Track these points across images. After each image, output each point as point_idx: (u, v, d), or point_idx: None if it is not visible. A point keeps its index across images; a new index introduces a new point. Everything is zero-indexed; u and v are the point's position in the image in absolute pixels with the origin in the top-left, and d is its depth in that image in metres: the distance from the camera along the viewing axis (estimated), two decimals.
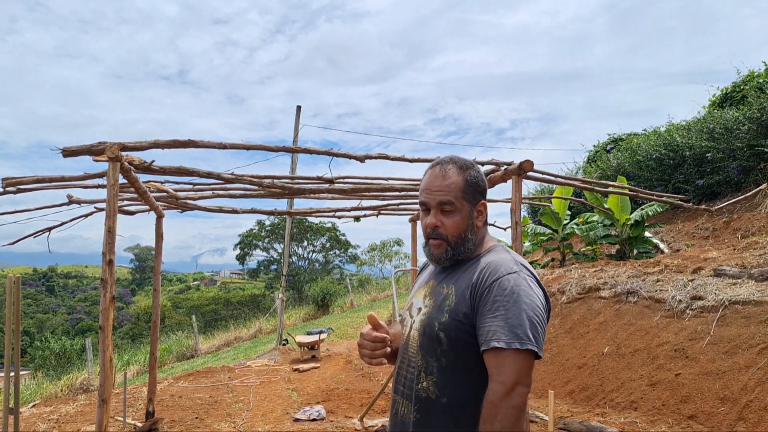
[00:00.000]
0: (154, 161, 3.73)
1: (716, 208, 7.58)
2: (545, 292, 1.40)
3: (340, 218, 6.81)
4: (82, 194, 4.84)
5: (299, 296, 29.38)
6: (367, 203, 6.25)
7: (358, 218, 6.81)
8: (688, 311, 5.04)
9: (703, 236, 8.41)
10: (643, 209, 8.36)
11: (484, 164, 4.73)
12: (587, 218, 9.24)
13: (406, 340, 1.52)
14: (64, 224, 5.33)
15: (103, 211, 4.28)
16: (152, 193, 4.73)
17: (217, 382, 7.67)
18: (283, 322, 11.77)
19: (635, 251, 8.43)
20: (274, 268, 36.07)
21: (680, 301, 5.21)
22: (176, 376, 8.58)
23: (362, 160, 4.38)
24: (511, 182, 4.20)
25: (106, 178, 3.35)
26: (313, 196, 5.52)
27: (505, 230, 7.87)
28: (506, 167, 4.26)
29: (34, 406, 6.79)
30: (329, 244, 36.91)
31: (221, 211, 5.97)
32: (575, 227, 9.08)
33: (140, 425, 5.27)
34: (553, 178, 5.08)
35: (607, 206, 8.39)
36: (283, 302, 11.88)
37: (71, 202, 4.79)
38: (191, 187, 5.06)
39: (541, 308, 1.33)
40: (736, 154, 8.56)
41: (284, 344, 10.90)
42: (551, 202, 9.36)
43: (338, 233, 36.15)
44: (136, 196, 4.77)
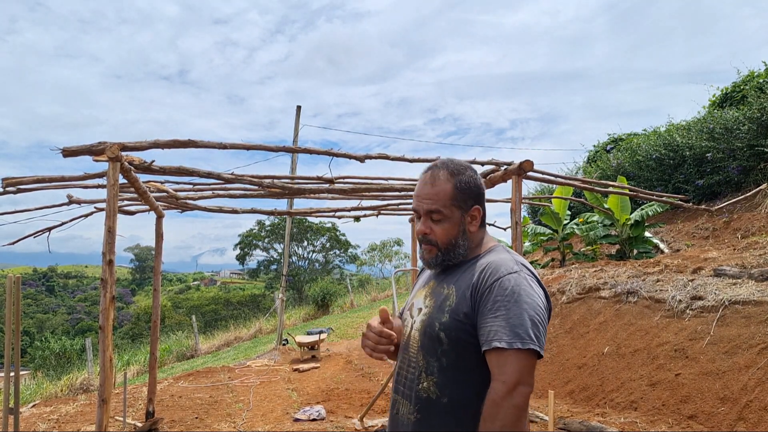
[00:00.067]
0: (154, 161, 3.73)
1: (716, 208, 7.58)
2: (546, 291, 1.40)
3: (340, 218, 6.81)
4: (82, 194, 4.84)
5: (299, 296, 29.38)
6: (367, 203, 6.25)
7: (358, 218, 6.81)
8: (688, 311, 5.04)
9: (703, 236, 8.41)
10: (643, 209, 8.36)
11: (484, 164, 4.73)
12: (587, 218, 9.24)
13: (406, 340, 1.52)
14: (64, 224, 5.33)
15: (103, 211, 4.28)
16: (152, 193, 4.73)
17: (217, 382, 7.67)
18: (283, 322, 11.77)
19: (635, 251, 8.43)
20: (274, 268, 36.08)
21: (680, 301, 5.21)
22: (176, 376, 8.58)
23: (362, 160, 4.38)
24: (511, 182, 4.21)
25: (106, 178, 3.35)
26: (313, 196, 5.53)
27: (505, 230, 7.87)
28: (506, 167, 4.26)
29: (34, 406, 6.79)
30: (329, 244, 36.92)
31: (221, 211, 5.97)
32: (575, 227, 9.08)
33: (140, 425, 5.27)
34: (553, 178, 5.08)
35: (607, 206, 8.39)
36: (283, 302, 11.89)
37: (71, 202, 4.79)
38: (191, 187, 5.06)
39: (542, 308, 1.33)
40: (736, 154, 8.56)
41: (284, 344, 10.90)
42: (551, 202, 9.36)
43: (338, 233, 36.17)
44: (136, 196, 4.77)
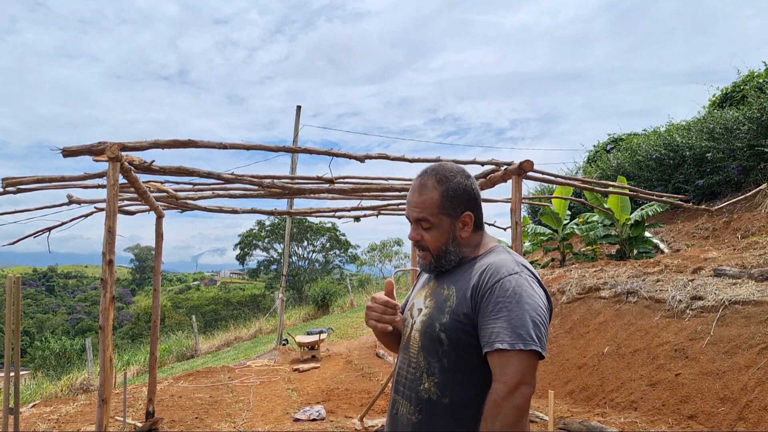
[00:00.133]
0: (154, 161, 3.73)
1: (716, 208, 7.57)
2: (547, 292, 1.40)
3: (340, 218, 6.81)
4: (82, 194, 4.84)
5: (299, 296, 29.39)
6: (367, 203, 6.25)
7: (358, 218, 6.81)
8: (688, 311, 5.04)
9: (703, 236, 8.41)
10: (643, 209, 8.35)
11: (484, 164, 4.72)
12: (587, 218, 9.24)
13: (407, 340, 1.52)
14: (64, 224, 5.33)
15: (103, 211, 4.28)
16: (152, 193, 4.72)
17: (217, 382, 7.67)
18: (283, 322, 11.77)
19: (635, 251, 8.43)
20: (274, 268, 36.08)
21: (680, 301, 5.21)
22: (176, 376, 8.58)
23: (362, 160, 4.38)
24: (511, 182, 4.20)
25: (106, 178, 3.35)
26: (313, 196, 5.52)
27: (505, 230, 7.87)
28: (506, 167, 4.26)
29: (34, 406, 6.79)
30: (329, 244, 36.92)
31: (221, 211, 5.97)
32: (575, 227, 9.08)
33: (140, 425, 5.27)
34: (553, 178, 5.08)
35: (607, 206, 8.39)
36: (283, 302, 11.89)
37: (71, 202, 4.79)
38: (191, 187, 5.06)
39: (543, 308, 1.33)
40: (736, 154, 8.56)
41: (284, 344, 10.90)
42: (551, 202, 9.36)
43: (338, 233, 36.17)
44: (136, 196, 4.77)
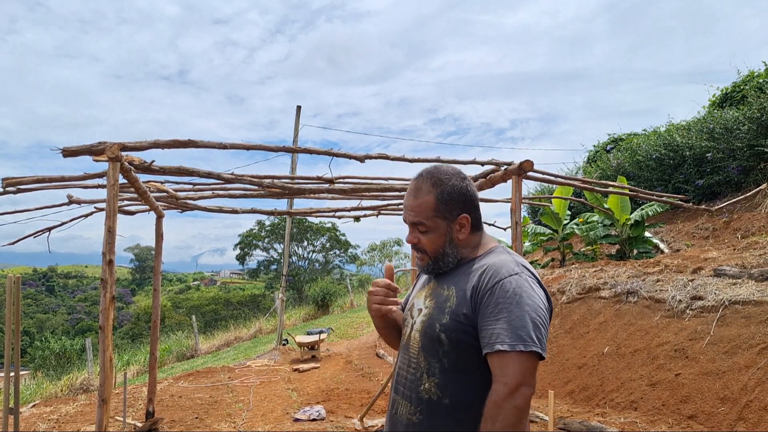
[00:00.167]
0: (154, 161, 3.73)
1: (716, 208, 7.57)
2: (547, 292, 1.40)
3: (340, 218, 6.81)
4: (82, 194, 4.84)
5: (299, 296, 29.38)
6: (367, 203, 6.25)
7: (358, 218, 6.81)
8: (688, 311, 5.04)
9: (703, 236, 8.41)
10: (643, 209, 8.35)
11: (484, 164, 4.72)
12: (587, 218, 9.24)
13: (407, 340, 1.52)
14: (64, 224, 5.33)
15: (103, 211, 4.28)
16: (152, 193, 4.72)
17: (217, 382, 7.67)
18: (283, 322, 11.77)
19: (635, 251, 8.43)
20: (274, 268, 36.08)
21: (680, 301, 5.21)
22: (176, 376, 8.58)
23: (362, 160, 4.38)
24: (511, 182, 4.20)
25: (106, 178, 3.35)
26: (313, 196, 5.52)
27: (505, 230, 7.86)
28: (506, 167, 4.26)
29: (34, 406, 6.79)
30: (329, 244, 36.91)
31: (221, 211, 5.97)
32: (575, 227, 9.08)
33: (140, 425, 5.27)
34: (553, 178, 5.08)
35: (607, 206, 8.39)
36: (283, 302, 11.89)
37: (71, 202, 4.79)
38: (191, 187, 5.06)
39: (543, 309, 1.33)
40: (736, 154, 8.56)
41: (284, 344, 10.90)
42: (551, 202, 9.36)
43: (338, 233, 36.16)
44: (136, 196, 4.77)
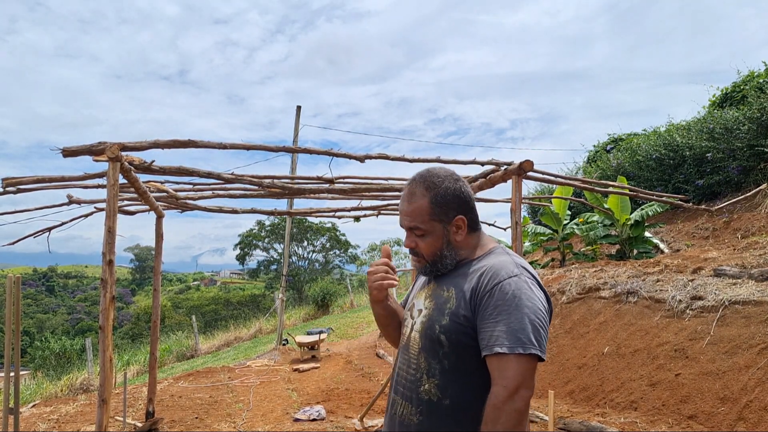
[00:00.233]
0: (154, 161, 3.73)
1: (716, 208, 7.57)
2: (546, 293, 1.39)
3: (340, 218, 6.80)
4: (82, 194, 4.84)
5: (299, 296, 29.38)
6: (367, 203, 6.25)
7: (358, 218, 6.80)
8: (688, 311, 5.04)
9: (703, 236, 8.41)
10: (643, 209, 8.35)
11: (484, 164, 4.72)
12: (587, 218, 9.24)
13: (406, 341, 1.52)
14: (64, 224, 5.33)
15: (103, 211, 4.28)
16: (152, 193, 4.72)
17: (217, 382, 7.67)
18: (283, 322, 11.77)
19: (635, 251, 8.43)
20: (274, 268, 36.07)
21: (680, 301, 5.21)
22: (176, 376, 8.58)
23: (362, 160, 4.37)
24: (511, 182, 4.20)
25: (106, 178, 3.35)
26: (313, 196, 5.52)
27: (505, 230, 7.86)
28: (506, 167, 4.26)
29: (34, 406, 6.79)
30: (329, 244, 36.91)
31: (221, 211, 5.97)
32: (575, 227, 9.08)
33: (140, 425, 5.27)
34: (553, 178, 5.07)
35: (607, 206, 8.38)
36: (283, 302, 11.89)
37: (71, 202, 4.79)
38: (191, 187, 5.06)
39: (542, 311, 1.33)
40: (736, 154, 8.56)
41: (284, 344, 10.90)
42: (551, 202, 9.36)
43: (338, 233, 36.16)
44: (136, 196, 4.77)
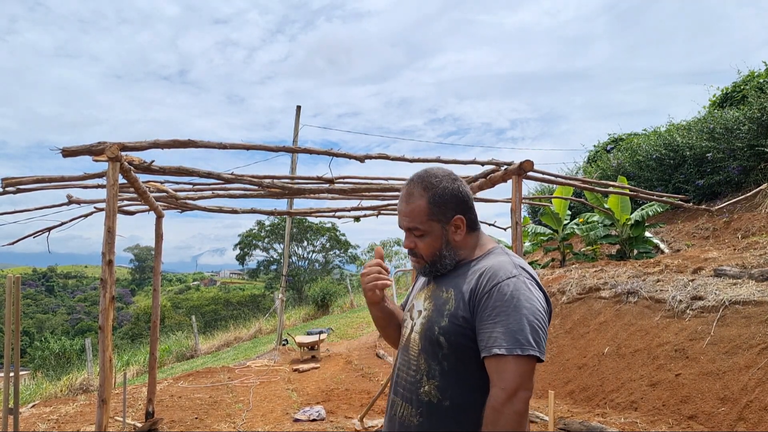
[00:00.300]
0: (153, 161, 3.73)
1: (716, 208, 7.57)
2: (545, 294, 1.39)
3: (340, 218, 6.80)
4: (81, 194, 4.83)
5: (299, 296, 29.38)
6: (367, 203, 6.25)
7: (358, 218, 6.80)
8: (688, 311, 5.04)
9: (703, 236, 8.40)
10: (643, 209, 8.35)
11: (484, 164, 4.72)
12: (587, 218, 9.23)
13: (406, 342, 1.52)
14: (63, 224, 5.33)
15: (102, 211, 4.27)
16: (152, 193, 4.72)
17: (216, 382, 7.66)
18: (283, 322, 11.77)
19: (635, 251, 8.43)
20: (274, 268, 36.07)
21: (680, 301, 5.20)
22: (176, 376, 8.58)
23: (362, 160, 4.37)
24: (511, 182, 4.20)
25: (105, 178, 3.34)
26: (313, 196, 5.52)
27: (505, 230, 7.86)
28: (506, 167, 4.25)
29: (33, 406, 6.78)
30: (329, 244, 36.91)
31: (221, 211, 5.96)
32: (575, 227, 9.08)
33: (140, 425, 5.26)
34: (553, 178, 5.07)
35: (607, 206, 8.38)
36: (282, 302, 11.88)
37: (71, 202, 4.79)
38: (191, 187, 5.05)
39: (541, 311, 1.32)
40: (736, 154, 8.56)
41: (284, 344, 10.90)
42: (551, 202, 9.36)
43: (338, 233, 36.16)
44: (135, 196, 4.77)
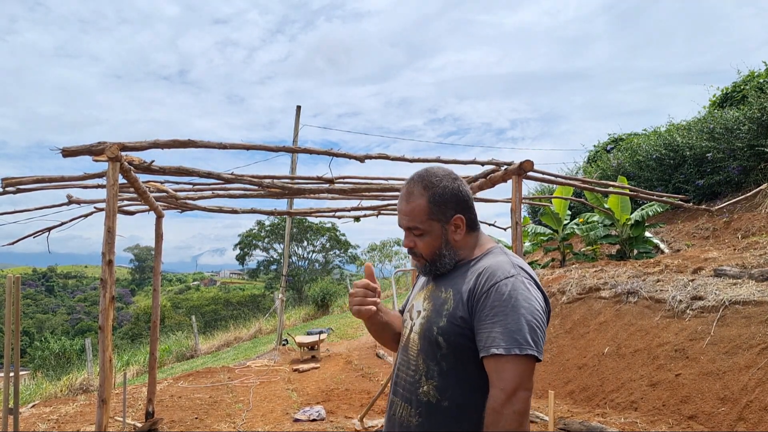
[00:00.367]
0: (153, 161, 3.73)
1: (716, 208, 7.57)
2: (544, 293, 1.39)
3: (340, 218, 6.80)
4: (81, 194, 4.84)
5: (299, 296, 29.38)
6: (367, 203, 6.25)
7: (358, 218, 6.80)
8: (688, 311, 5.04)
9: (703, 236, 8.40)
10: (643, 209, 8.35)
11: (484, 164, 4.72)
12: (587, 218, 9.23)
13: (406, 342, 1.52)
14: (63, 224, 5.33)
15: (102, 211, 4.27)
16: (152, 193, 4.72)
17: (216, 382, 7.66)
18: (283, 322, 11.77)
19: (635, 251, 8.43)
20: (274, 268, 36.08)
21: (680, 301, 5.20)
22: (176, 376, 8.58)
23: (362, 160, 4.37)
24: (511, 182, 4.20)
25: (105, 178, 3.35)
26: (313, 196, 5.52)
27: (505, 230, 7.86)
28: (506, 167, 4.26)
29: (33, 406, 6.78)
30: (329, 244, 36.91)
31: (221, 211, 5.96)
32: (575, 227, 9.08)
33: (140, 425, 5.26)
34: (553, 178, 5.07)
35: (607, 206, 8.38)
36: (282, 302, 11.88)
37: (71, 202, 4.79)
38: (191, 187, 5.05)
39: (540, 311, 1.32)
40: (736, 154, 8.56)
41: (284, 344, 10.90)
42: (551, 202, 9.36)
43: (338, 233, 36.16)
44: (135, 196, 4.77)
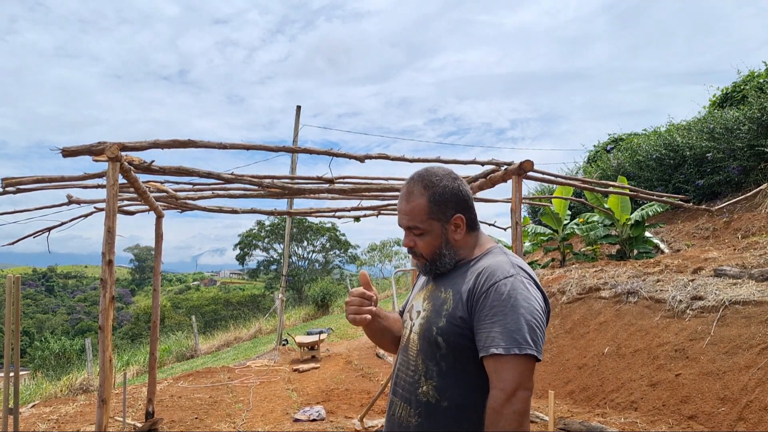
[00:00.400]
0: (153, 161, 3.73)
1: (716, 208, 7.57)
2: (544, 293, 1.39)
3: (340, 218, 6.81)
4: (81, 194, 4.84)
5: (299, 296, 29.38)
6: (367, 203, 6.25)
7: (358, 218, 6.81)
8: (688, 311, 5.04)
9: (703, 236, 8.40)
10: (643, 209, 8.35)
11: (484, 164, 4.72)
12: (587, 218, 9.23)
13: (405, 342, 1.52)
14: (63, 224, 5.33)
15: (102, 211, 4.27)
16: (152, 193, 4.72)
17: (216, 382, 7.67)
18: (282, 322, 11.77)
19: (635, 251, 8.43)
20: (274, 268, 36.08)
21: (680, 301, 5.20)
22: (176, 376, 8.58)
23: (362, 160, 4.38)
24: (511, 182, 4.20)
25: (105, 178, 3.35)
26: (313, 196, 5.52)
27: (505, 230, 7.87)
28: (506, 167, 4.26)
29: (33, 406, 6.78)
30: (329, 244, 36.92)
31: (221, 211, 5.97)
32: (575, 227, 9.08)
33: (140, 425, 5.26)
34: (553, 178, 5.07)
35: (607, 206, 8.38)
36: (282, 302, 11.88)
37: (71, 202, 4.79)
38: (191, 187, 5.05)
39: (539, 311, 1.32)
40: (736, 154, 8.56)
41: (284, 344, 10.90)
42: (551, 202, 9.36)
43: (338, 233, 36.16)
44: (135, 196, 4.77)
